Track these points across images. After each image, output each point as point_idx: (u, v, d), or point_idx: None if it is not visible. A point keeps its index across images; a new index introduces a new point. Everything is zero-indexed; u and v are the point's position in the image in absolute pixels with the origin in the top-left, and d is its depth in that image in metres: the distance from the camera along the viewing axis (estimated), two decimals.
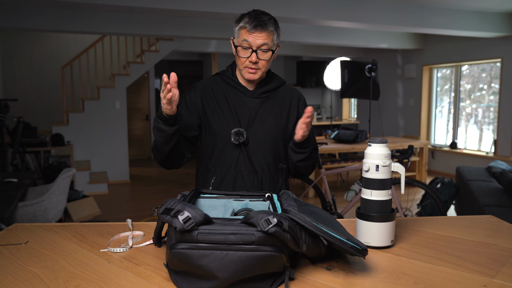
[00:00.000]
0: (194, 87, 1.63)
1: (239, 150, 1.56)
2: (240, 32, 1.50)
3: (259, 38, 1.46)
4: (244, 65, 1.51)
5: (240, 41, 1.49)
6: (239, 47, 1.50)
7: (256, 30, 1.46)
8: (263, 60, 1.50)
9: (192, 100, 1.60)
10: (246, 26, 1.47)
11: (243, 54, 1.50)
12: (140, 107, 9.44)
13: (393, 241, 1.25)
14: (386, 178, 1.23)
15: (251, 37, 1.47)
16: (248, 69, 1.52)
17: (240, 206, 1.31)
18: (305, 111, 1.41)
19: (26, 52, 7.52)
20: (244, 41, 1.48)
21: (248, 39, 1.47)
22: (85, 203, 4.82)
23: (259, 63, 1.50)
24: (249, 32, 1.47)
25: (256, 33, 1.46)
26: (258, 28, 1.46)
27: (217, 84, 1.63)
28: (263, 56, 1.49)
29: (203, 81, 1.65)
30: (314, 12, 4.89)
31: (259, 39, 1.47)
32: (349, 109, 10.58)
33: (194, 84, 1.66)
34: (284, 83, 1.68)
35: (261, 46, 1.47)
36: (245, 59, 1.50)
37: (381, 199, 1.22)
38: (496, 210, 3.36)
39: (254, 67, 1.50)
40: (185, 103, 1.60)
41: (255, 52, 1.47)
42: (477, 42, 6.76)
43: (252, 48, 1.47)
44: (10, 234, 1.33)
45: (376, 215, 1.22)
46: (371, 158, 1.23)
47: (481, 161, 6.80)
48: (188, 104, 1.60)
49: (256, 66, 1.50)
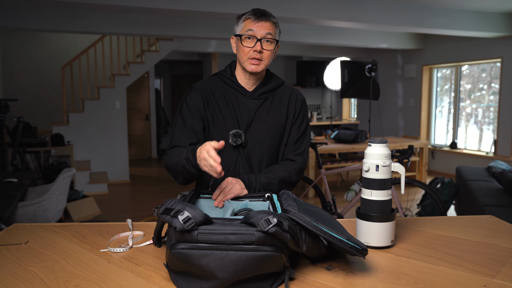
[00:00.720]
0: (194, 88, 1.60)
1: (238, 151, 1.55)
2: (244, 24, 1.51)
3: (263, 27, 1.48)
4: (248, 56, 1.50)
5: (244, 31, 1.50)
6: (243, 36, 1.50)
7: (261, 20, 1.48)
8: (267, 50, 1.50)
9: (194, 102, 1.57)
10: (251, 16, 1.49)
11: (248, 43, 1.50)
12: (140, 107, 9.43)
13: (393, 241, 1.25)
14: (386, 178, 1.23)
15: (256, 26, 1.48)
16: (251, 61, 1.50)
17: (240, 206, 1.31)
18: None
19: (26, 52, 7.51)
20: (249, 30, 1.48)
21: (253, 28, 1.48)
22: (85, 203, 4.82)
23: (263, 53, 1.50)
24: (254, 22, 1.48)
25: (261, 22, 1.48)
26: (263, 18, 1.48)
27: (216, 84, 1.61)
28: (267, 47, 1.50)
29: (202, 81, 1.63)
30: (314, 12, 4.89)
31: (264, 29, 1.48)
32: (349, 109, 10.58)
33: (193, 85, 1.63)
34: (283, 83, 1.67)
35: (265, 36, 1.48)
36: (249, 49, 1.50)
37: (381, 199, 1.23)
38: (496, 210, 3.36)
39: (258, 57, 1.50)
40: (187, 107, 1.56)
41: (259, 41, 1.48)
42: (477, 42, 6.76)
43: (257, 38, 1.48)
44: (10, 234, 1.33)
45: (376, 215, 1.22)
46: (371, 158, 1.23)
47: (481, 161, 6.80)
48: (191, 107, 1.56)
49: (260, 56, 1.50)
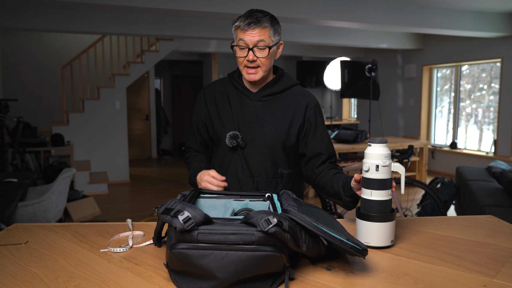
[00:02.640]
0: (200, 94, 1.68)
1: (236, 153, 1.56)
2: (236, 33, 1.48)
3: (253, 35, 1.43)
4: (243, 65, 1.49)
5: (236, 41, 1.48)
6: (236, 47, 1.48)
7: (249, 28, 1.43)
8: (261, 57, 1.46)
9: (197, 112, 1.66)
10: (240, 24, 1.45)
11: (240, 54, 1.47)
12: (140, 107, 9.43)
13: (393, 241, 1.25)
14: (386, 178, 1.22)
15: (245, 35, 1.44)
16: (247, 69, 1.49)
17: (240, 206, 1.31)
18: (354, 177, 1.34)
19: (26, 52, 7.51)
20: (240, 40, 1.45)
21: (243, 37, 1.44)
22: (85, 203, 4.82)
23: (257, 61, 1.47)
24: (243, 31, 1.44)
25: (250, 31, 1.43)
26: (252, 25, 1.43)
27: (224, 85, 1.64)
28: (260, 54, 1.46)
29: (213, 82, 1.68)
30: (314, 12, 4.89)
31: (254, 36, 1.43)
32: (349, 109, 10.58)
33: (203, 88, 1.70)
34: (295, 85, 1.62)
35: (257, 43, 1.44)
36: (243, 58, 1.47)
37: (381, 199, 1.22)
38: (496, 210, 3.36)
39: (253, 65, 1.47)
40: (194, 111, 1.67)
41: (251, 50, 1.44)
42: (477, 42, 6.76)
43: (249, 47, 1.45)
44: (10, 234, 1.33)
45: (376, 215, 1.21)
46: (371, 158, 1.23)
47: (481, 161, 6.79)
48: (196, 111, 1.67)
49: (255, 64, 1.47)
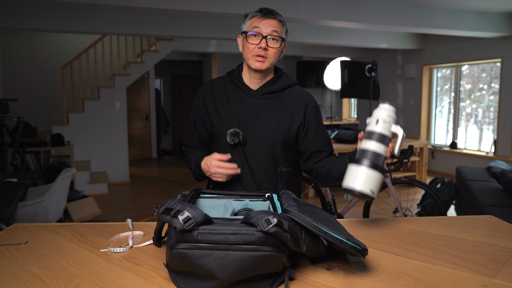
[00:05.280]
0: (198, 92, 1.68)
1: (236, 151, 1.56)
2: (250, 21, 1.53)
3: (269, 25, 1.49)
4: (253, 53, 1.51)
5: (250, 28, 1.51)
6: (249, 33, 1.51)
7: (267, 17, 1.50)
8: (272, 48, 1.50)
9: (195, 109, 1.66)
10: (258, 14, 1.51)
11: (253, 41, 1.50)
12: (140, 107, 9.43)
13: (373, 192, 1.26)
14: (385, 134, 1.29)
15: (262, 23, 1.49)
16: (256, 57, 1.51)
17: (240, 206, 1.31)
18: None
19: (26, 52, 7.51)
20: (255, 27, 1.50)
21: (259, 25, 1.49)
22: (85, 203, 4.82)
23: (268, 51, 1.50)
24: (260, 19, 1.50)
25: (267, 20, 1.49)
26: (270, 15, 1.50)
27: (223, 83, 1.64)
28: (272, 44, 1.50)
29: (212, 80, 1.69)
30: (314, 12, 4.89)
31: (270, 27, 1.49)
32: (349, 109, 10.58)
33: (202, 85, 1.70)
34: (295, 84, 1.65)
35: (271, 33, 1.49)
36: (254, 46, 1.50)
37: (376, 151, 1.28)
38: (496, 210, 3.36)
39: (263, 54, 1.50)
40: (193, 109, 1.67)
41: (265, 38, 1.49)
42: (477, 42, 6.76)
43: (262, 35, 1.49)
44: (10, 234, 1.33)
45: (367, 161, 1.27)
46: (376, 114, 1.31)
47: (481, 161, 6.79)
48: (194, 109, 1.66)
49: (265, 54, 1.50)
